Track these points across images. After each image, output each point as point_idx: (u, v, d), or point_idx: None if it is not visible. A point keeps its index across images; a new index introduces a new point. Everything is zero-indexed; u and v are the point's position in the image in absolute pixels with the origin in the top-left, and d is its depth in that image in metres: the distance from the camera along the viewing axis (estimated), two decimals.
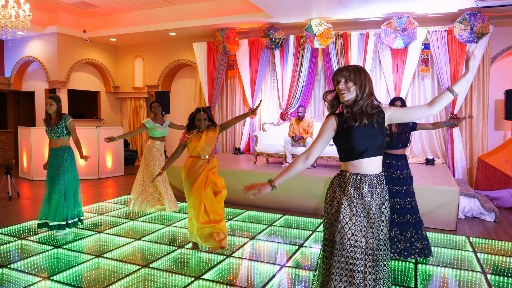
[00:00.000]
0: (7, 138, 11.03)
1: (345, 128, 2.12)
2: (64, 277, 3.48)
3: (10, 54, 10.72)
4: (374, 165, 2.16)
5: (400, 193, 3.74)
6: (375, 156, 2.15)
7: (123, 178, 8.84)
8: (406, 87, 7.70)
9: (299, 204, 5.93)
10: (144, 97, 11.16)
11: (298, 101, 8.58)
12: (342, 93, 2.12)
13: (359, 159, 2.13)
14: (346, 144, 2.14)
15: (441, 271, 3.73)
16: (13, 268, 3.66)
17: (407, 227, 3.70)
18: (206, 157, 3.96)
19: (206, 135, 3.94)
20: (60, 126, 4.58)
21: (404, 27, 7.34)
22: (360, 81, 2.10)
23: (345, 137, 2.13)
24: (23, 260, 3.86)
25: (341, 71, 2.13)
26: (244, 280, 3.56)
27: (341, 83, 2.12)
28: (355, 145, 2.10)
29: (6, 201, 6.47)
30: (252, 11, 8.19)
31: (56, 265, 3.85)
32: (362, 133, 2.11)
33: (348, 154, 2.15)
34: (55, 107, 4.59)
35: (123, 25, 9.74)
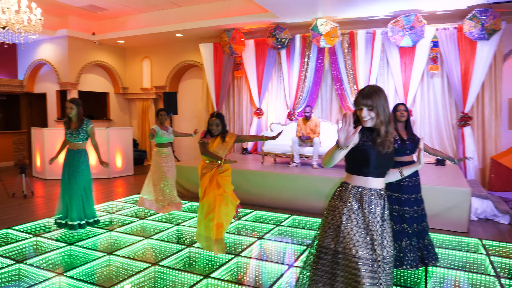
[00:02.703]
0: (21, 138, 11.25)
1: (365, 145, 2.18)
2: (77, 274, 3.58)
3: (23, 57, 10.95)
4: (378, 183, 2.24)
5: (409, 201, 3.66)
6: (381, 177, 2.25)
7: (132, 178, 8.97)
8: (414, 86, 7.66)
9: (307, 204, 5.97)
10: (152, 98, 11.29)
11: (305, 101, 8.62)
12: (365, 120, 2.19)
13: (367, 176, 2.21)
14: (358, 160, 2.20)
15: (452, 274, 3.66)
16: (29, 264, 3.78)
17: (413, 236, 3.64)
18: (216, 162, 4.06)
19: (219, 140, 4.09)
20: (81, 132, 4.72)
21: (412, 25, 7.30)
22: (381, 109, 2.17)
23: (362, 154, 2.18)
24: (38, 256, 3.98)
25: (364, 100, 2.17)
26: (252, 279, 3.63)
27: (363, 110, 2.18)
28: (370, 164, 2.17)
29: (21, 199, 6.64)
30: (258, 11, 8.24)
31: (69, 262, 3.98)
32: (378, 156, 2.18)
33: (357, 169, 2.22)
34: (75, 111, 4.73)
35: (131, 27, 9.87)
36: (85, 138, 4.79)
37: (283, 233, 4.94)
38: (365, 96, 2.17)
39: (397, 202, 3.68)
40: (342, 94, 8.29)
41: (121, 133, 9.28)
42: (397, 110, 3.86)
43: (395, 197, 3.70)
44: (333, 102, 8.62)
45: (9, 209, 5.98)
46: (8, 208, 6.07)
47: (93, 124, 4.86)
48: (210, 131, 4.10)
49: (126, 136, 9.36)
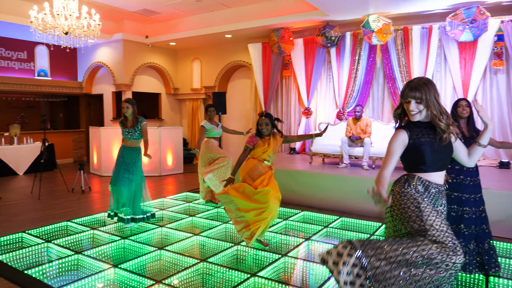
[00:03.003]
0: (80, 137, 11.96)
1: (416, 142, 2.13)
2: (130, 266, 3.72)
3: (82, 60, 11.64)
4: (440, 177, 2.19)
5: (469, 201, 3.44)
6: (441, 171, 2.19)
7: (182, 176, 9.21)
8: (475, 84, 7.19)
9: (356, 206, 5.78)
10: (202, 98, 11.54)
11: (355, 100, 8.39)
12: (413, 114, 2.13)
13: (426, 172, 2.16)
14: (416, 157, 2.16)
15: None
16: (87, 255, 3.98)
17: (471, 239, 3.40)
18: (269, 164, 4.09)
19: (274, 144, 4.09)
20: (137, 129, 4.92)
21: (473, 18, 6.85)
22: (432, 101, 2.10)
23: (415, 152, 2.14)
24: (95, 248, 4.18)
25: (412, 92, 2.10)
26: (299, 280, 3.57)
27: (411, 104, 2.11)
28: (426, 160, 2.12)
29: (79, 194, 7.04)
30: (307, 10, 8.15)
31: (123, 255, 4.14)
32: (433, 147, 2.12)
33: (417, 166, 2.18)
34: (131, 110, 4.94)
35: (182, 29, 10.14)
36: (141, 136, 4.99)
37: (331, 234, 4.83)
38: (414, 88, 2.10)
39: (456, 202, 3.47)
40: (395, 92, 7.98)
41: (172, 132, 9.57)
42: (459, 106, 3.62)
43: (454, 196, 3.48)
44: (385, 101, 8.32)
45: (69, 203, 6.35)
46: (68, 202, 6.45)
47: (146, 122, 5.02)
48: (260, 131, 4.09)
49: (176, 135, 9.64)
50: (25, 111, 11.62)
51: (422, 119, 2.15)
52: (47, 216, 5.53)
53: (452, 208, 3.47)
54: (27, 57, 10.68)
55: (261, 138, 4.11)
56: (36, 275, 3.51)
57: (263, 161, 4.08)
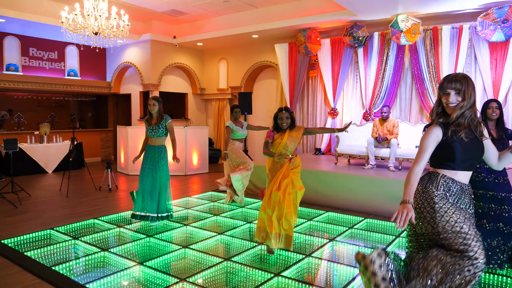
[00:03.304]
0: (108, 136, 12.24)
1: (448, 139, 2.12)
2: (155, 264, 3.78)
3: (111, 60, 11.92)
4: (465, 176, 2.18)
5: (496, 199, 3.40)
6: (469, 170, 2.17)
7: (207, 175, 9.29)
8: (506, 85, 6.98)
9: (382, 208, 5.69)
10: (228, 98, 11.61)
11: (383, 101, 8.25)
12: (452, 106, 2.11)
13: (455, 170, 2.14)
14: (446, 154, 2.14)
15: None
16: (113, 252, 4.06)
17: (496, 236, 3.37)
18: (288, 156, 4.04)
19: (288, 135, 4.05)
20: (161, 127, 4.97)
21: (505, 17, 6.65)
22: (470, 94, 2.09)
23: (446, 148, 2.13)
24: (120, 245, 4.27)
25: (452, 83, 2.09)
26: (323, 280, 3.55)
27: (451, 95, 2.10)
28: (456, 158, 2.11)
29: (106, 192, 7.20)
30: (334, 9, 8.07)
31: (148, 252, 4.20)
32: (464, 146, 2.10)
33: (445, 162, 2.15)
34: (157, 107, 5.01)
35: (209, 29, 10.23)
36: (165, 134, 5.03)
37: (356, 235, 4.77)
38: (453, 79, 2.09)
39: (492, 201, 3.42)
40: (423, 93, 7.81)
41: (197, 132, 9.67)
42: (489, 107, 3.56)
43: (490, 195, 3.44)
44: (413, 102, 8.14)
45: (96, 201, 6.51)
46: (95, 200, 6.61)
47: (171, 120, 5.07)
48: (279, 126, 4.07)
49: (202, 135, 9.74)
50: (55, 110, 12.02)
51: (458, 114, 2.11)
52: (74, 214, 5.68)
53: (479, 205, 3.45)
54: (57, 57, 11.03)
55: (278, 133, 4.09)
56: (63, 272, 3.60)
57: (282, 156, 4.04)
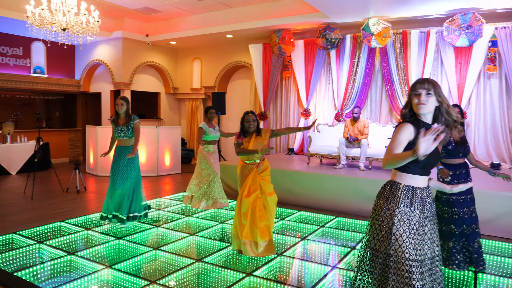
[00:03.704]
0: (76, 136, 11.91)
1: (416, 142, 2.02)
2: (125, 267, 3.70)
3: (80, 58, 11.58)
4: (424, 180, 2.18)
5: (457, 203, 3.57)
6: (427, 175, 2.19)
7: (180, 176, 9.19)
8: (470, 88, 7.26)
9: (353, 207, 5.81)
10: (201, 98, 11.53)
11: (354, 102, 8.41)
12: (420, 106, 2.10)
13: (416, 174, 2.13)
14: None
15: (504, 282, 3.49)
16: (81, 256, 3.94)
17: (461, 238, 3.55)
18: (255, 162, 4.03)
19: (254, 141, 4.03)
20: (129, 127, 4.86)
21: (469, 24, 6.92)
22: (440, 95, 2.11)
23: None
24: (89, 249, 4.15)
25: (423, 83, 2.11)
26: (295, 279, 3.57)
27: (422, 95, 2.10)
28: (422, 161, 2.03)
29: (74, 194, 6.99)
30: (308, 11, 8.16)
31: (117, 255, 4.11)
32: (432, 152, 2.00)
33: (409, 166, 2.10)
34: (125, 108, 4.89)
35: (183, 28, 10.13)
36: (132, 134, 4.92)
37: (327, 234, 4.83)
38: (423, 81, 2.12)
39: (446, 204, 3.60)
40: (393, 95, 8.01)
41: (170, 132, 9.55)
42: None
43: (444, 198, 3.62)
44: (383, 103, 8.35)
45: (63, 204, 6.30)
46: (62, 202, 6.39)
47: (139, 120, 4.96)
48: (246, 129, 4.04)
49: (175, 135, 9.62)
50: (19, 108, 11.54)
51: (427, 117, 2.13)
52: (40, 217, 5.46)
53: (444, 210, 3.61)
54: (22, 53, 10.58)
55: (245, 137, 4.06)
56: (27, 277, 3.46)
57: (249, 161, 4.03)
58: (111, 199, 4.88)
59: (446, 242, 3.56)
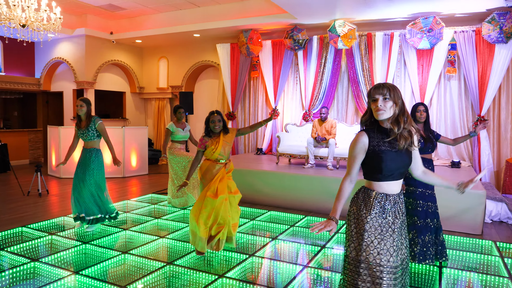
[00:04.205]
0: (37, 137, 11.42)
1: (376, 149, 2.08)
2: (92, 272, 3.59)
3: (40, 55, 11.10)
4: (397, 185, 2.15)
5: (424, 196, 3.71)
6: (399, 179, 2.15)
7: (147, 177, 9.01)
8: (431, 89, 7.57)
9: (322, 205, 5.91)
10: (168, 97, 11.35)
11: (321, 102, 8.55)
12: (379, 112, 2.06)
13: (385, 181, 2.11)
14: (374, 165, 2.10)
15: (466, 275, 3.67)
16: (44, 262, 3.79)
17: (426, 232, 3.67)
18: (223, 161, 4.03)
19: (223, 140, 4.00)
20: (90, 129, 4.72)
21: (430, 27, 7.21)
22: (399, 101, 2.07)
23: (374, 158, 2.08)
24: (53, 254, 3.99)
25: (378, 89, 2.07)
26: (266, 279, 3.59)
27: (379, 101, 2.06)
28: (384, 168, 2.07)
29: (36, 197, 6.70)
30: (276, 12, 8.21)
31: (84, 260, 3.97)
32: (392, 157, 2.07)
33: (374, 174, 2.12)
34: (86, 109, 4.73)
35: (149, 27, 9.93)
36: (96, 136, 4.78)
37: (297, 233, 4.89)
38: (380, 86, 2.08)
39: (421, 197, 3.71)
40: (359, 95, 8.21)
41: (136, 133, 9.34)
42: (417, 110, 3.85)
43: (419, 191, 3.72)
44: (349, 103, 8.54)
45: (25, 207, 6.04)
46: (23, 206, 6.12)
47: (102, 121, 4.81)
48: (211, 129, 4.01)
49: (141, 136, 9.42)
50: None
51: (386, 122, 2.09)
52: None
53: (408, 202, 3.75)
54: None
55: (210, 138, 4.03)
56: None
57: (217, 161, 4.01)
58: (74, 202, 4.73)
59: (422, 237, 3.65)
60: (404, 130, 2.09)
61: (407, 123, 2.10)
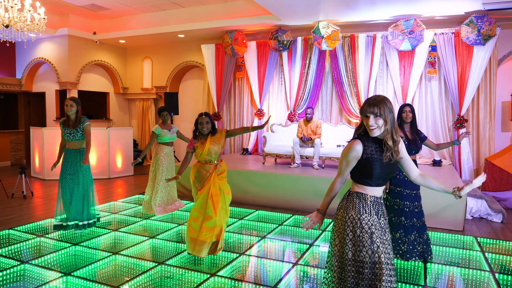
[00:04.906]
0: (18, 138, 11.21)
1: (369, 157, 2.18)
2: (84, 273, 3.60)
3: (21, 55, 10.90)
4: (380, 190, 2.29)
5: (410, 196, 3.83)
6: (382, 186, 2.28)
7: (132, 178, 8.98)
8: (413, 89, 7.77)
9: (308, 204, 6.01)
10: (153, 98, 11.30)
11: (306, 103, 8.68)
12: (372, 129, 2.17)
13: (375, 186, 2.23)
14: (365, 172, 2.20)
15: (449, 270, 3.82)
16: (34, 264, 3.78)
17: (412, 231, 3.82)
18: (213, 162, 4.07)
19: (210, 142, 4.04)
20: (79, 130, 4.66)
21: (411, 29, 7.41)
22: (390, 118, 2.17)
23: (367, 166, 2.19)
24: (43, 256, 3.98)
25: (371, 107, 2.16)
26: (258, 277, 3.66)
27: (370, 119, 2.16)
28: (374, 176, 2.19)
29: (21, 200, 6.62)
30: (260, 13, 8.29)
31: (74, 262, 3.97)
32: (383, 166, 2.19)
33: (364, 180, 2.23)
34: (75, 109, 4.67)
35: (132, 27, 9.88)
36: (83, 137, 4.73)
37: (285, 232, 4.98)
38: (372, 104, 2.16)
39: (408, 198, 3.84)
40: (342, 96, 8.37)
41: (121, 133, 9.29)
42: (403, 111, 3.97)
43: (397, 191, 3.86)
44: (333, 104, 8.69)
45: (10, 210, 5.96)
46: (8, 209, 6.04)
47: (90, 122, 4.77)
48: (200, 131, 4.05)
49: (126, 137, 9.36)
50: None
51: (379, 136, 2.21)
52: None
53: (395, 202, 3.87)
54: None
55: (199, 140, 4.07)
56: None
57: (207, 162, 4.05)
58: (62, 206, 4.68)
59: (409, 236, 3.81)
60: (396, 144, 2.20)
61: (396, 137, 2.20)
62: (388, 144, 2.18)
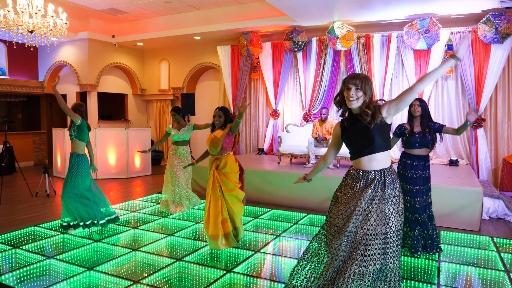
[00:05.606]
0: (41, 139, 11.57)
1: (345, 134, 2.47)
2: (106, 268, 3.75)
3: (43, 59, 11.25)
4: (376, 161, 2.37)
5: (411, 191, 3.90)
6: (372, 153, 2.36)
7: (150, 178, 9.18)
8: (429, 89, 7.74)
9: (323, 203, 6.07)
10: (170, 99, 11.51)
11: (321, 103, 8.72)
12: (351, 100, 2.33)
13: (357, 158, 2.42)
14: (347, 146, 2.49)
15: (464, 269, 3.81)
16: (59, 259, 3.96)
17: (415, 225, 3.90)
18: (214, 156, 4.25)
19: (213, 135, 4.23)
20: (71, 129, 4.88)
21: (427, 28, 7.38)
22: (369, 92, 2.36)
23: (345, 142, 2.49)
24: (67, 252, 4.16)
25: (353, 79, 2.33)
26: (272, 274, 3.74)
27: (351, 90, 2.32)
28: (350, 148, 2.46)
29: (44, 198, 6.87)
30: (275, 15, 8.38)
31: (96, 257, 4.13)
32: (352, 137, 2.42)
33: (351, 154, 2.49)
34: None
35: (150, 30, 10.09)
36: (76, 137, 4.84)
37: (300, 231, 5.05)
38: (354, 76, 2.35)
39: (418, 194, 3.89)
40: None
41: (139, 134, 9.51)
42: (412, 105, 3.99)
43: (407, 188, 3.92)
44: None
45: (35, 208, 6.20)
46: (33, 207, 6.28)
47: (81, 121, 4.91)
48: (214, 123, 4.26)
49: (144, 137, 9.59)
50: None
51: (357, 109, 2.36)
52: (11, 222, 5.35)
53: (405, 199, 3.93)
54: None
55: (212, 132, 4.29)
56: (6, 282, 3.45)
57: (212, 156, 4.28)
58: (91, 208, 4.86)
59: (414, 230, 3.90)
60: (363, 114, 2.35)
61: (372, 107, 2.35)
62: (364, 111, 2.32)
